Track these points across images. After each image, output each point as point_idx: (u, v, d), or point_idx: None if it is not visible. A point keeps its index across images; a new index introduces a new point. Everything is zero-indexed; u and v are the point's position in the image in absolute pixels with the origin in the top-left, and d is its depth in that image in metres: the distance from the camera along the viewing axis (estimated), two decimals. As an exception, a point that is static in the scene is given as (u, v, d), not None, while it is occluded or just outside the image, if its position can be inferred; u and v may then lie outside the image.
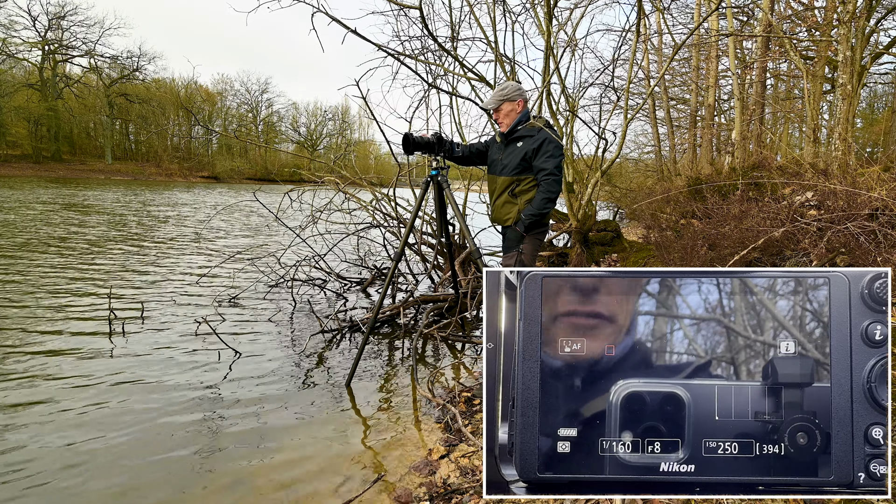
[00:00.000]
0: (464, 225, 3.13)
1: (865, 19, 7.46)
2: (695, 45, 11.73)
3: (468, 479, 1.99)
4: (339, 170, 5.87)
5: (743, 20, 12.07)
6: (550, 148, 2.78)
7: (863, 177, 4.26)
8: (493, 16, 5.60)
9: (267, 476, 2.08)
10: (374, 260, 5.91)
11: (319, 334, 3.88)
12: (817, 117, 8.67)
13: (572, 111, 5.86)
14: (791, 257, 3.66)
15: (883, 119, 14.79)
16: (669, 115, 14.22)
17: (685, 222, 6.09)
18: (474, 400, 2.81)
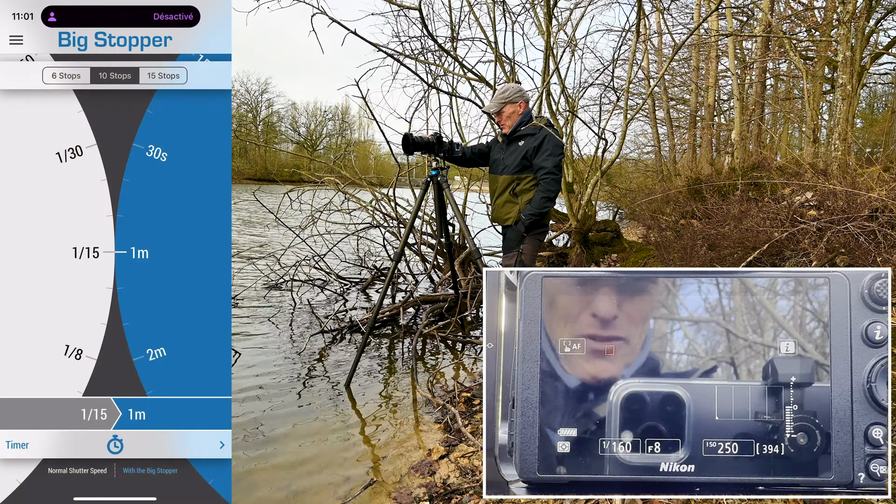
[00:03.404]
0: (464, 225, 3.13)
1: (865, 19, 7.46)
2: (695, 45, 11.72)
3: (468, 479, 1.99)
4: (339, 170, 5.86)
5: (743, 20, 12.07)
6: (550, 146, 2.78)
7: (863, 177, 4.26)
8: (492, 16, 5.60)
9: (266, 476, 2.08)
10: (374, 260, 5.90)
11: (319, 334, 3.88)
12: (817, 117, 8.68)
13: (572, 111, 5.86)
14: (791, 257, 3.66)
15: (883, 119, 14.80)
16: (669, 116, 14.21)
17: (685, 222, 6.09)
18: (474, 400, 2.80)
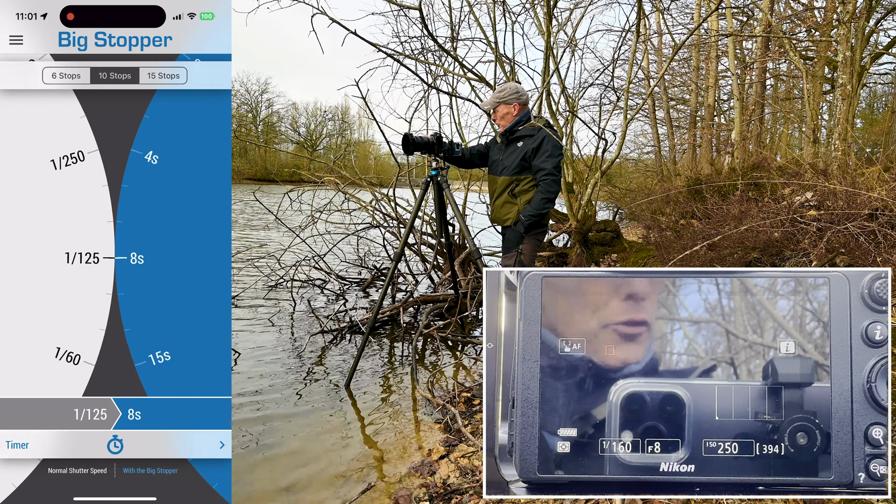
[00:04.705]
0: (463, 225, 3.13)
1: (865, 19, 7.46)
2: (694, 45, 11.73)
3: (468, 480, 1.99)
4: (339, 170, 5.86)
5: (743, 20, 12.07)
6: (549, 147, 2.78)
7: (863, 177, 4.26)
8: (492, 16, 5.60)
9: (266, 476, 2.08)
10: (374, 260, 5.90)
11: (319, 334, 3.88)
12: (817, 117, 8.68)
13: (572, 111, 5.86)
14: (791, 257, 3.66)
15: (883, 119, 14.80)
16: (669, 116, 14.21)
17: (685, 222, 6.09)
18: (474, 400, 2.80)
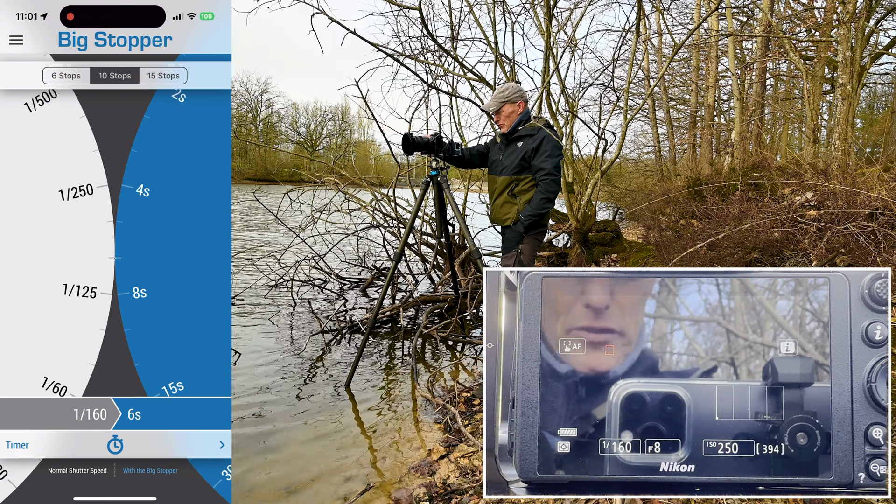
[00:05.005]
0: (463, 225, 3.13)
1: (865, 19, 7.46)
2: (694, 45, 11.73)
3: (468, 480, 1.99)
4: (339, 170, 5.86)
5: (743, 20, 12.07)
6: (549, 147, 2.78)
7: (863, 177, 4.26)
8: (492, 16, 5.60)
9: (266, 476, 2.08)
10: (374, 260, 5.90)
11: (319, 334, 3.88)
12: (817, 117, 8.68)
13: (572, 111, 5.86)
14: (791, 257, 3.66)
15: (883, 119, 14.80)
16: (669, 116, 14.22)
17: (685, 222, 6.09)
18: (474, 400, 2.80)
